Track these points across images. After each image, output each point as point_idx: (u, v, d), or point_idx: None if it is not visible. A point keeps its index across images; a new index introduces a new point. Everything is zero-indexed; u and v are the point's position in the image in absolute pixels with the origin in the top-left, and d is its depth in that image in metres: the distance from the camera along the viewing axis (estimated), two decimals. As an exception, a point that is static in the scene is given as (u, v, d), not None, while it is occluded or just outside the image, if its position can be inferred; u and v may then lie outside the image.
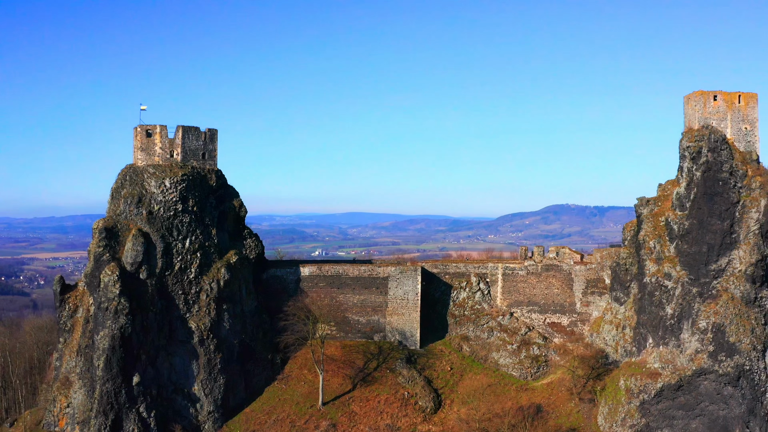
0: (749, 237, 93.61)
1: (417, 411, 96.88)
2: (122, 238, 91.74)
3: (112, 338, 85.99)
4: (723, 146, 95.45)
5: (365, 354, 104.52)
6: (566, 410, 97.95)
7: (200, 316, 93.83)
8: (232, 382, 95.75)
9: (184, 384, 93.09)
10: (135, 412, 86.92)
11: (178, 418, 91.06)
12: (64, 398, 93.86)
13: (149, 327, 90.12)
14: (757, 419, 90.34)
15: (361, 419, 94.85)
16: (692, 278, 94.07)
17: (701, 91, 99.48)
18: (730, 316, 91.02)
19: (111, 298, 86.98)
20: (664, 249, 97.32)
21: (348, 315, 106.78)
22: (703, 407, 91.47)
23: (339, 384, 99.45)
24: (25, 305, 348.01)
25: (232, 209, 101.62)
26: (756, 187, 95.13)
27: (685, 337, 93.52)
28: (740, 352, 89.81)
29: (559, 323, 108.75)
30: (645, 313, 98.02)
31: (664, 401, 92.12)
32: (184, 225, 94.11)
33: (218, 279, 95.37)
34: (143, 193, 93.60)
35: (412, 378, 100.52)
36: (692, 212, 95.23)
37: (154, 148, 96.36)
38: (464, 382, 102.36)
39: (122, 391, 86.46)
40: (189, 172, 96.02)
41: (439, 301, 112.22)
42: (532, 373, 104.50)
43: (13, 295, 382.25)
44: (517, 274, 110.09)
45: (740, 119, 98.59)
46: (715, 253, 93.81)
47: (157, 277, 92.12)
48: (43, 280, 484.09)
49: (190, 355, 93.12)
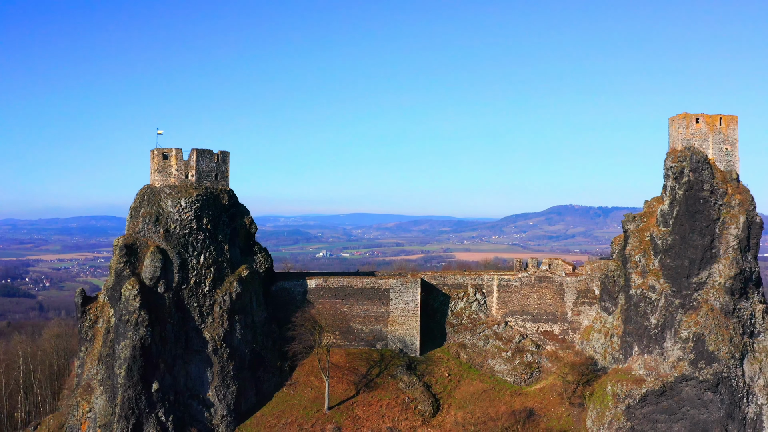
0: (728, 252, 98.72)
1: (417, 415, 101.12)
2: (141, 255, 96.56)
3: (133, 348, 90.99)
4: (704, 166, 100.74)
5: (368, 361, 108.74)
6: (557, 414, 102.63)
7: (214, 326, 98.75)
8: (244, 388, 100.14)
9: (199, 390, 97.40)
10: (154, 417, 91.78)
11: (194, 422, 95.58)
12: (86, 403, 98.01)
13: (167, 337, 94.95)
14: (736, 423, 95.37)
15: (364, 422, 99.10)
16: (675, 290, 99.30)
17: (685, 113, 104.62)
18: (710, 326, 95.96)
19: (132, 311, 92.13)
20: (648, 263, 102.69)
21: (352, 325, 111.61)
22: (685, 411, 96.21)
23: (343, 389, 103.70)
24: (31, 307, 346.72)
25: (243, 226, 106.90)
26: (735, 204, 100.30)
27: (668, 346, 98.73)
28: (719, 360, 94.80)
29: (551, 332, 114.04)
30: (631, 323, 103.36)
31: (649, 406, 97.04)
32: (199, 242, 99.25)
33: (230, 292, 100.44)
34: (160, 212, 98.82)
35: (412, 384, 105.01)
36: (675, 228, 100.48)
37: (171, 169, 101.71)
38: (461, 387, 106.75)
39: (142, 397, 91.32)
40: (203, 193, 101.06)
41: (438, 310, 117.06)
42: (525, 379, 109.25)
43: (19, 297, 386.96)
44: (512, 285, 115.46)
45: (721, 140, 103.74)
46: (696, 267, 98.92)
47: (174, 290, 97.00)
48: (49, 281, 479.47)
49: (204, 363, 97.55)
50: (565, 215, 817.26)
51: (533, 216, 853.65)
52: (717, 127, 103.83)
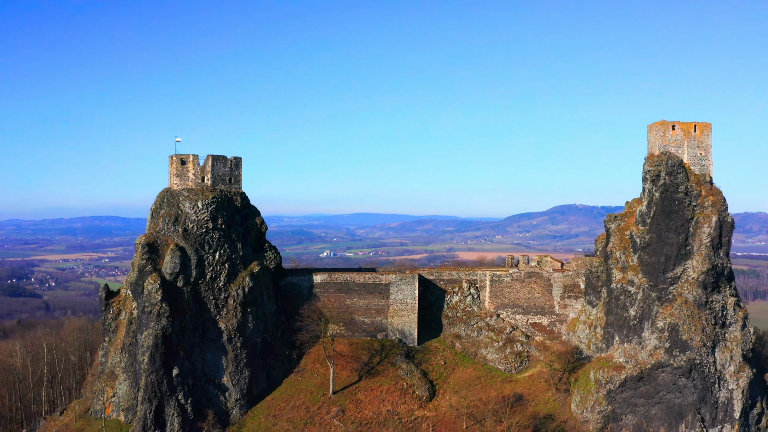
0: (701, 249, 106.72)
1: (414, 399, 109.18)
2: (162, 252, 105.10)
3: (155, 337, 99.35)
4: (679, 170, 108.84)
5: (370, 350, 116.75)
6: (544, 399, 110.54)
7: (228, 318, 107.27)
8: (256, 374, 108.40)
9: (215, 376, 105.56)
10: (174, 400, 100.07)
11: (210, 405, 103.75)
12: (110, 389, 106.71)
13: (186, 327, 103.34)
14: (708, 406, 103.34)
15: (366, 406, 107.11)
16: (652, 284, 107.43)
17: (662, 121, 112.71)
18: (684, 318, 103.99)
19: (154, 303, 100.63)
20: (628, 259, 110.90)
21: (354, 316, 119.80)
22: (661, 396, 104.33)
23: (347, 376, 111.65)
24: (37, 306, 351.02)
25: (255, 226, 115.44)
26: (708, 205, 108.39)
27: (645, 335, 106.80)
28: (692, 348, 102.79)
29: (539, 323, 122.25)
30: (612, 315, 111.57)
31: (628, 391, 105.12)
32: (214, 240, 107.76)
33: (243, 286, 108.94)
34: (179, 213, 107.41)
35: (410, 371, 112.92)
36: (652, 227, 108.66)
37: (188, 174, 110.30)
38: (456, 374, 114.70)
39: (164, 381, 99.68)
40: (218, 195, 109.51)
41: (435, 304, 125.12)
42: (515, 367, 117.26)
43: (26, 296, 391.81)
44: (503, 280, 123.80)
45: (696, 146, 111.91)
46: (672, 263, 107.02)
47: (192, 284, 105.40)
48: (54, 281, 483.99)
49: (220, 351, 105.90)
50: (569, 215, 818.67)
51: (537, 216, 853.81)
52: (692, 133, 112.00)
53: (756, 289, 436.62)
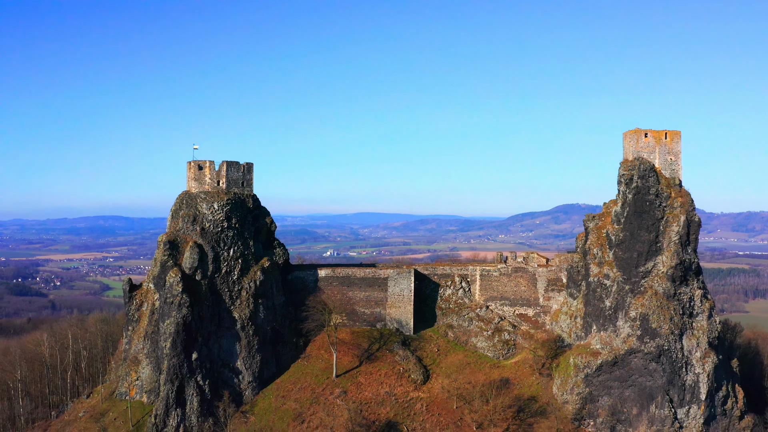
0: (671, 245, 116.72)
1: (410, 382, 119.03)
2: (181, 249, 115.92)
3: (176, 324, 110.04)
4: (651, 174, 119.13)
5: (369, 338, 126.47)
6: (528, 383, 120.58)
7: (241, 308, 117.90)
8: (266, 359, 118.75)
9: (229, 360, 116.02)
10: (194, 381, 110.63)
11: (225, 386, 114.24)
12: (134, 373, 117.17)
13: (203, 316, 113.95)
14: (675, 388, 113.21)
15: (366, 388, 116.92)
16: (625, 278, 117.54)
17: (637, 129, 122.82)
18: (654, 308, 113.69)
19: (175, 295, 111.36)
20: (604, 255, 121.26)
21: (356, 307, 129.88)
22: (634, 379, 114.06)
23: (349, 361, 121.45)
24: (43, 306, 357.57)
25: (265, 225, 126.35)
26: (677, 206, 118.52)
27: (619, 324, 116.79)
28: (661, 336, 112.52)
29: (525, 314, 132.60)
30: (590, 306, 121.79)
31: (604, 374, 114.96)
32: (229, 238, 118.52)
33: (255, 279, 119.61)
34: (197, 213, 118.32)
35: (406, 357, 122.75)
36: (626, 226, 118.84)
37: (205, 178, 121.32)
38: (448, 360, 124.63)
39: (184, 364, 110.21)
40: (232, 197, 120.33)
41: (429, 296, 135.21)
42: (503, 354, 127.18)
43: (32, 296, 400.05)
44: (492, 275, 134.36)
45: (666, 152, 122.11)
46: (644, 258, 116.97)
47: (209, 278, 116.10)
48: (59, 281, 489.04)
49: (234, 338, 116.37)
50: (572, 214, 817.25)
51: (540, 215, 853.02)
52: (663, 140, 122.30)
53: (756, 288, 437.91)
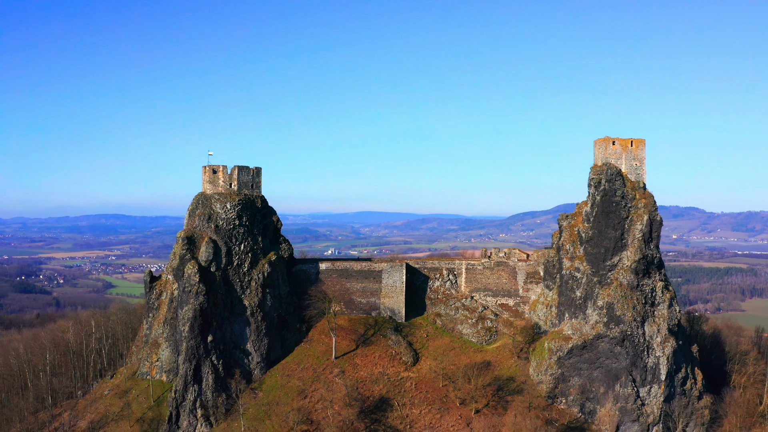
0: (634, 242, 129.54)
1: (401, 363, 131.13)
2: (198, 244, 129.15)
3: (194, 310, 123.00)
4: (617, 178, 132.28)
5: (365, 325, 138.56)
6: (508, 365, 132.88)
7: (251, 297, 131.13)
8: (273, 342, 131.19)
9: (240, 343, 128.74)
10: (209, 361, 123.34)
11: (237, 365, 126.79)
12: (154, 355, 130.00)
13: (217, 303, 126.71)
14: (638, 369, 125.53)
15: (361, 368, 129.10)
16: (594, 271, 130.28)
17: (606, 137, 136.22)
18: (619, 297, 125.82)
19: (192, 284, 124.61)
20: (576, 250, 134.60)
21: (353, 297, 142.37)
22: (601, 361, 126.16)
23: (347, 345, 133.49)
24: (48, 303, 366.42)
25: (272, 223, 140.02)
26: (641, 207, 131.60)
27: (589, 312, 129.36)
28: (624, 322, 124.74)
29: (506, 304, 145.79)
30: (563, 296, 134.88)
31: (574, 357, 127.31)
32: (240, 234, 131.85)
33: (263, 271, 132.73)
34: (212, 212, 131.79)
35: (398, 341, 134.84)
36: (594, 224, 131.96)
37: (218, 181, 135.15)
38: (435, 344, 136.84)
39: (200, 346, 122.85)
40: (242, 198, 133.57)
41: (420, 287, 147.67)
42: (486, 340, 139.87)
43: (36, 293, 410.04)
44: (477, 268, 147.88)
45: (632, 158, 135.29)
46: (610, 253, 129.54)
47: (222, 270, 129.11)
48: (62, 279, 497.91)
49: (244, 324, 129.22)
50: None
51: (540, 214, 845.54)
52: (629, 148, 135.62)
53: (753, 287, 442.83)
